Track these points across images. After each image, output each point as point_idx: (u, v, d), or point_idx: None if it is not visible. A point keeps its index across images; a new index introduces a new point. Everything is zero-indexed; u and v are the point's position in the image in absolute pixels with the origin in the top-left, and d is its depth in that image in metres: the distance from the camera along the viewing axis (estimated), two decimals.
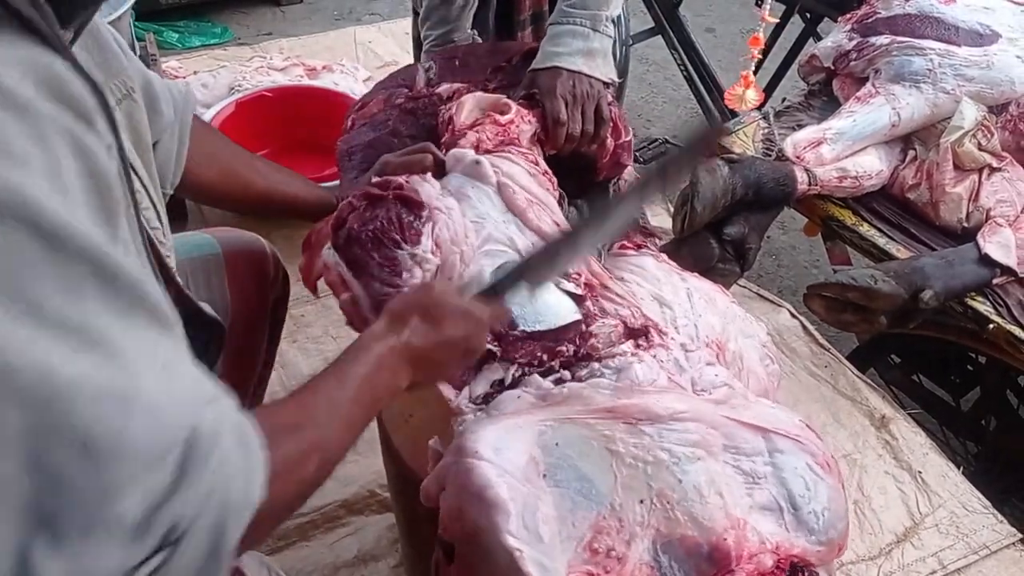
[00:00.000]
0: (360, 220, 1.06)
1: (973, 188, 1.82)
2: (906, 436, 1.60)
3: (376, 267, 1.04)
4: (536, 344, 1.07)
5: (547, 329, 1.09)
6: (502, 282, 0.93)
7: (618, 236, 1.10)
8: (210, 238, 1.27)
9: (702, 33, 4.37)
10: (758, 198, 1.85)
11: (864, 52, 2.05)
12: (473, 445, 0.89)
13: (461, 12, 1.69)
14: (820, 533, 0.96)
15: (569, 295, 1.14)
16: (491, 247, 1.15)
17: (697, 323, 1.22)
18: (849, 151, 1.91)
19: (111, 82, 0.92)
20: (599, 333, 1.10)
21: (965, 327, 1.75)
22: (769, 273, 3.17)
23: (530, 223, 1.20)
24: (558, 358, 1.08)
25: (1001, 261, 1.68)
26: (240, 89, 2.34)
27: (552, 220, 1.21)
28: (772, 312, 1.89)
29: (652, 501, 0.92)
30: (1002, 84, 1.87)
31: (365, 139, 1.39)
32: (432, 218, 1.09)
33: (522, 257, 0.98)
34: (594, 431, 0.94)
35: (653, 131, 3.72)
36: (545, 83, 1.37)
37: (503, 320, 0.96)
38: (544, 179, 1.26)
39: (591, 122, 1.37)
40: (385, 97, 1.42)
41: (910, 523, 1.46)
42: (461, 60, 1.50)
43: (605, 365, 1.03)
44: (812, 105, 2.22)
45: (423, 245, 1.06)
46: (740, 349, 1.23)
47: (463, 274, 1.10)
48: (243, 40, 3.56)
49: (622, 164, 1.43)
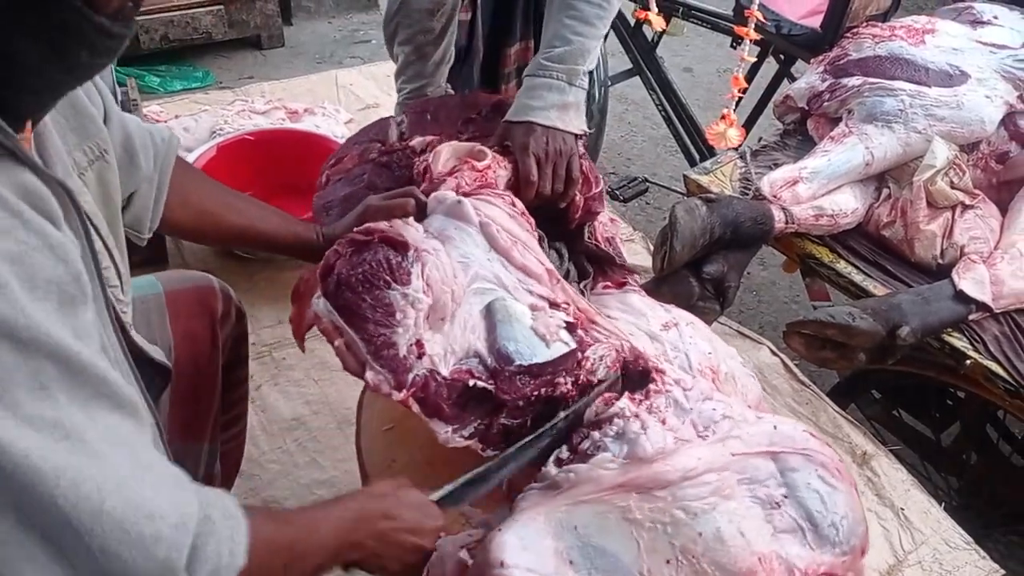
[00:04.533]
0: (348, 265, 1.06)
1: (947, 225, 1.85)
2: (888, 473, 1.60)
3: (369, 309, 1.03)
4: (534, 381, 1.07)
5: (544, 361, 1.09)
6: (451, 494, 1.00)
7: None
8: (152, 279, 1.29)
9: (680, 73, 4.45)
10: (736, 236, 1.87)
11: (837, 93, 2.09)
12: (498, 555, 0.90)
13: (436, 68, 1.71)
14: (843, 544, 0.98)
15: (564, 323, 1.15)
16: (479, 285, 1.16)
17: (688, 352, 1.23)
18: (825, 190, 1.94)
19: (84, 145, 0.95)
20: (592, 357, 1.11)
21: (943, 363, 1.76)
22: (750, 309, 3.19)
23: (515, 261, 1.21)
24: (557, 391, 1.08)
25: (976, 297, 1.70)
26: (222, 133, 2.34)
27: (536, 258, 1.22)
28: (752, 349, 1.90)
29: (678, 559, 0.93)
30: (972, 123, 1.91)
31: (341, 194, 1.40)
32: (420, 259, 1.09)
33: (467, 476, 1.03)
34: (609, 505, 0.96)
35: (633, 169, 3.76)
36: (519, 138, 1.38)
37: (446, 529, 1.00)
38: (523, 219, 1.28)
39: (561, 180, 1.39)
40: (359, 152, 1.43)
41: (893, 560, 1.45)
42: (432, 113, 1.52)
43: (605, 433, 1.02)
44: (788, 144, 2.26)
45: (414, 285, 1.06)
46: (731, 370, 1.24)
47: (454, 312, 1.10)
48: (225, 84, 3.58)
49: (594, 212, 1.44)
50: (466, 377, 1.06)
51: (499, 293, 1.16)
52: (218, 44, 3.93)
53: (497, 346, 1.09)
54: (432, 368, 1.05)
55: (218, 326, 1.31)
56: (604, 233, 1.47)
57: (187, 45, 3.75)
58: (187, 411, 1.25)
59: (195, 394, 1.27)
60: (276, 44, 4.09)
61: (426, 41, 1.66)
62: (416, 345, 1.05)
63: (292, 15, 4.43)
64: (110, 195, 1.00)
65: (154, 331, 1.21)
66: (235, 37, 3.89)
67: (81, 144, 0.94)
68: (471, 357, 1.09)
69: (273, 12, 3.97)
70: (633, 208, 3.56)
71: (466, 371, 1.07)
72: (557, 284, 1.22)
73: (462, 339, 1.10)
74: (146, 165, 1.13)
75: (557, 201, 1.41)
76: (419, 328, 1.06)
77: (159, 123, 2.50)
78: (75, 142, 0.93)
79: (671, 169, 3.72)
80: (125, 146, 1.08)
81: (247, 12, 3.85)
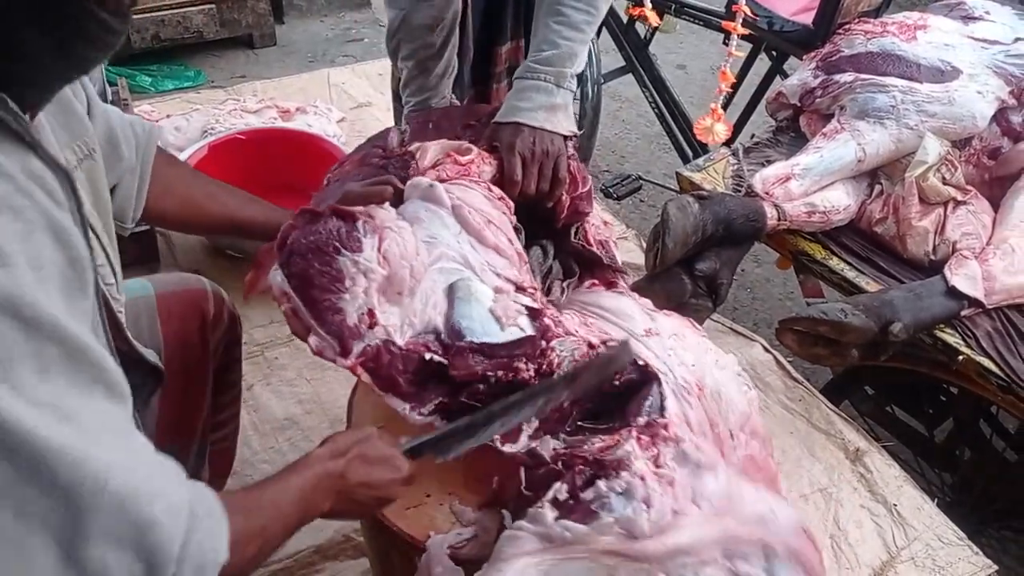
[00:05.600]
0: (301, 234, 1.08)
1: (939, 221, 1.85)
2: (880, 469, 1.60)
3: (316, 275, 1.05)
4: (488, 361, 1.07)
5: (497, 342, 1.09)
6: (424, 444, 1.01)
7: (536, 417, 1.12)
8: (143, 281, 1.29)
9: (673, 70, 4.45)
10: (728, 234, 1.87)
11: (829, 89, 2.09)
12: None
13: (439, 81, 1.73)
14: None
15: (525, 309, 1.15)
16: (444, 264, 1.17)
17: (674, 370, 1.22)
18: (817, 186, 1.94)
19: (74, 143, 0.95)
20: (559, 348, 1.11)
21: (935, 359, 1.76)
22: (744, 306, 3.19)
23: (487, 241, 1.22)
24: (517, 376, 1.07)
25: (968, 293, 1.70)
26: (213, 132, 2.34)
27: (508, 239, 1.23)
28: (746, 346, 1.90)
29: None
30: (964, 119, 1.91)
31: (336, 194, 1.41)
32: (378, 232, 1.10)
33: (448, 427, 1.03)
34: (597, 564, 0.96)
35: (627, 167, 3.76)
36: (506, 138, 1.40)
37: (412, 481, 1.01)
38: (501, 204, 1.29)
39: (547, 181, 1.40)
40: (360, 157, 1.45)
41: (886, 556, 1.45)
42: (435, 123, 1.54)
43: (612, 488, 1.00)
44: (780, 141, 2.26)
45: (365, 254, 1.07)
46: (717, 384, 1.23)
47: (414, 288, 1.11)
48: (217, 83, 3.57)
49: (581, 212, 1.45)
50: (421, 350, 1.07)
51: (465, 273, 1.17)
52: (210, 43, 3.91)
53: (451, 322, 1.11)
54: (387, 339, 1.05)
55: (209, 329, 1.31)
56: (597, 236, 1.47)
57: (178, 44, 3.73)
58: (175, 413, 1.25)
59: (184, 397, 1.27)
60: (268, 43, 4.07)
61: (427, 56, 1.68)
62: (368, 314, 1.06)
63: (284, 14, 4.41)
64: (100, 192, 1.00)
65: (144, 334, 1.21)
66: (227, 36, 3.87)
67: (71, 142, 0.95)
68: (429, 332, 1.10)
69: (265, 11, 3.95)
70: (627, 206, 3.56)
71: (422, 344, 1.08)
72: (524, 265, 1.23)
73: (423, 314, 1.11)
74: (128, 155, 1.14)
75: (543, 201, 1.41)
76: (371, 298, 1.07)
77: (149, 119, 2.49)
78: (65, 140, 0.93)
79: (665, 167, 3.72)
80: (108, 138, 1.09)
81: (239, 11, 3.83)
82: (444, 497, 1.13)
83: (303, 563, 1.53)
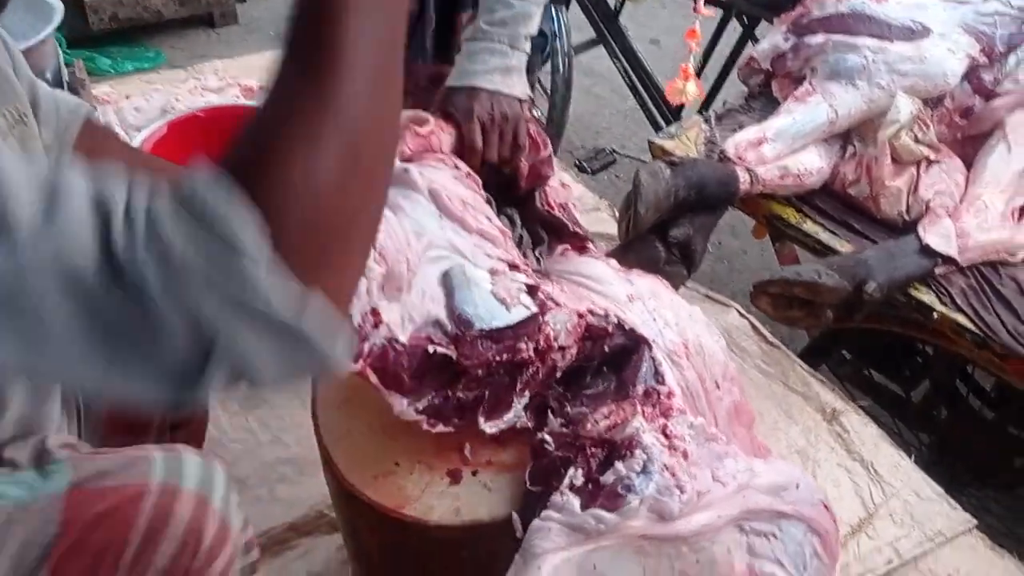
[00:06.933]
0: None
1: (912, 181, 1.84)
2: (857, 428, 1.59)
3: None
4: (496, 345, 1.04)
5: (504, 326, 1.06)
6: None
7: None
8: None
9: (646, 45, 4.41)
10: (701, 199, 1.85)
11: (800, 52, 2.07)
12: None
13: None
14: None
15: (524, 287, 1.12)
16: (434, 253, 1.13)
17: (662, 332, 1.20)
18: (789, 149, 1.92)
19: (3, 108, 0.90)
20: (552, 323, 1.07)
21: (911, 318, 1.76)
22: (721, 278, 3.18)
23: (470, 227, 1.18)
24: (518, 356, 1.04)
25: (942, 251, 1.69)
26: (173, 111, 2.28)
27: (487, 218, 1.19)
28: (721, 312, 1.88)
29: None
30: (935, 77, 1.89)
31: None
32: None
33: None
34: (627, 546, 0.97)
35: (601, 142, 3.73)
36: (462, 103, 1.35)
37: None
38: (469, 182, 1.25)
39: (508, 147, 1.37)
40: None
41: (864, 514, 1.44)
42: None
43: (631, 467, 0.99)
44: (752, 107, 2.24)
45: None
46: (697, 337, 1.22)
47: (411, 282, 1.07)
48: (177, 64, 3.50)
49: (544, 176, 1.42)
50: (425, 343, 1.03)
51: (456, 260, 1.13)
52: (169, 23, 3.82)
53: (457, 312, 1.07)
54: (390, 336, 1.01)
55: None
56: (556, 199, 1.44)
57: (137, 25, 3.64)
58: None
59: None
60: (230, 21, 3.98)
61: None
62: (372, 314, 1.02)
63: None
64: (36, 160, 0.95)
65: None
66: (187, 15, 3.78)
67: (1, 107, 0.89)
68: (430, 325, 1.06)
69: None
70: (602, 181, 3.54)
71: (425, 337, 1.04)
72: (510, 242, 1.20)
73: (420, 307, 1.07)
74: (45, 135, 1.04)
75: (503, 167, 1.38)
76: (373, 297, 1.03)
77: (109, 104, 2.43)
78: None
79: (640, 141, 3.69)
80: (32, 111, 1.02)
81: None
82: (413, 466, 1.10)
83: (276, 540, 1.50)
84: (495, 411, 1.07)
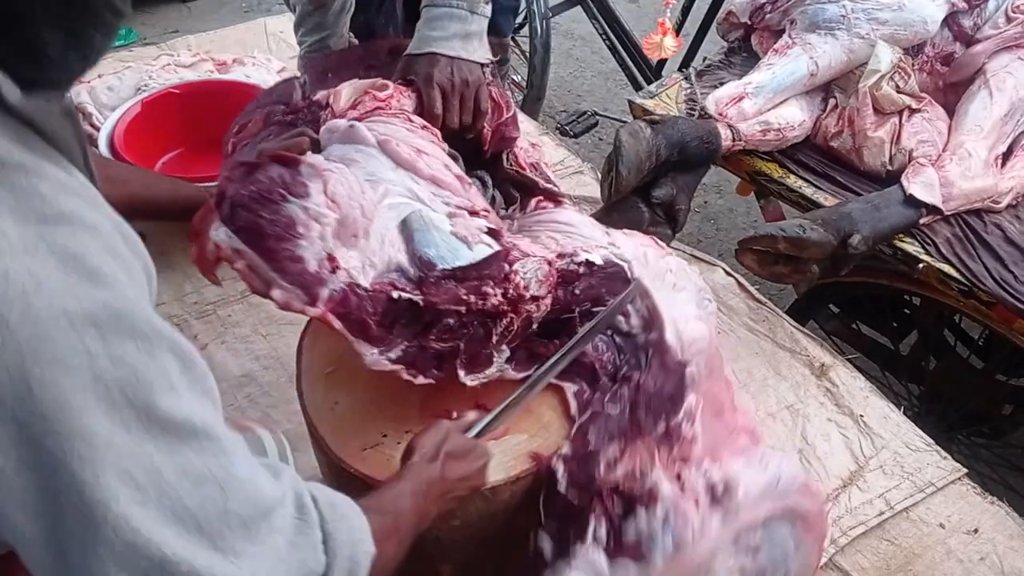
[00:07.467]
0: (241, 186, 1.01)
1: (894, 131, 1.83)
2: (846, 382, 1.59)
3: (268, 225, 0.98)
4: (460, 285, 1.03)
5: (467, 264, 1.05)
6: (486, 425, 1.02)
7: None
8: None
9: (625, 4, 4.37)
10: (684, 158, 1.83)
11: (779, 4, 2.05)
12: None
13: (337, 18, 1.63)
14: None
15: (486, 229, 1.12)
16: (392, 200, 1.11)
17: None
18: (770, 104, 1.91)
19: None
20: (522, 272, 1.07)
21: (896, 269, 1.75)
22: (708, 238, 3.18)
23: (422, 173, 1.17)
24: (487, 302, 1.03)
25: (926, 200, 1.68)
26: (147, 89, 2.23)
27: (444, 165, 1.18)
28: (707, 271, 1.87)
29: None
30: (915, 24, 1.87)
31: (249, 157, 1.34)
32: (321, 176, 1.04)
33: (501, 405, 1.04)
34: None
35: (582, 105, 3.69)
36: (422, 70, 1.34)
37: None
38: (425, 132, 1.24)
39: (469, 112, 1.36)
40: (263, 116, 1.36)
41: (855, 467, 1.44)
42: (333, 70, 1.46)
43: (652, 516, 1.01)
44: (732, 63, 2.22)
45: (313, 198, 1.01)
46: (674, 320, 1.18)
47: (367, 228, 1.06)
48: (149, 40, 3.43)
49: (509, 138, 1.41)
50: (389, 289, 1.02)
51: (415, 205, 1.12)
52: None
53: (418, 255, 1.06)
54: (351, 281, 1.00)
55: None
56: (527, 159, 1.43)
57: None
58: None
59: None
60: None
61: None
62: (328, 259, 1.00)
63: None
64: None
65: None
66: None
67: None
68: (392, 271, 1.05)
69: None
70: (585, 144, 3.51)
71: (388, 283, 1.03)
72: (471, 189, 1.19)
73: (381, 253, 1.05)
74: None
75: (466, 132, 1.37)
76: (327, 243, 1.01)
77: (82, 84, 2.38)
78: None
79: (621, 103, 3.66)
80: None
81: None
82: (401, 436, 1.09)
83: None
84: (475, 364, 1.06)
